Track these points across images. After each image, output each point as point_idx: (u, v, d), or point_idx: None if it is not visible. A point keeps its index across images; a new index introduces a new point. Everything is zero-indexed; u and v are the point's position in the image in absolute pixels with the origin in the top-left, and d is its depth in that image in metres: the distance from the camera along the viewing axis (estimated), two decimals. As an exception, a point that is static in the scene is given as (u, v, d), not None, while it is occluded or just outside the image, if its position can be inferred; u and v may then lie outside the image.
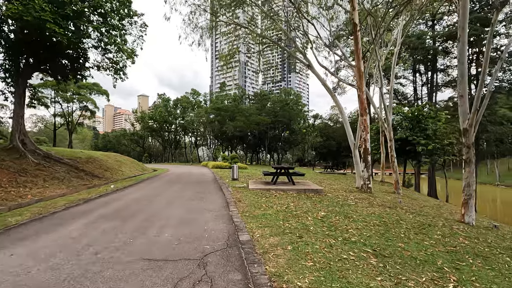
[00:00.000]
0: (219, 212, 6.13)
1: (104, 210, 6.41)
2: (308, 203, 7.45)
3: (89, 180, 13.64)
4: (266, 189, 9.46)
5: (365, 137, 11.47)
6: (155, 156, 60.06)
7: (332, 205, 7.48)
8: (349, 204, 7.89)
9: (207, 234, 4.34)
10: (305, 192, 9.42)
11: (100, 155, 20.60)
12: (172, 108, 47.53)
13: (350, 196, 9.71)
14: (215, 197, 8.31)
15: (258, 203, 7.12)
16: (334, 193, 10.25)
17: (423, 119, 19.58)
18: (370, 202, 8.75)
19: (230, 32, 18.09)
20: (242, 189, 9.77)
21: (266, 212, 6.00)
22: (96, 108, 34.07)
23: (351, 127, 43.75)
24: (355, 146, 14.04)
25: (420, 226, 5.93)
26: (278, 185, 10.12)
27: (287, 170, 10.23)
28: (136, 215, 5.80)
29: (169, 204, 7.21)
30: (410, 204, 10.66)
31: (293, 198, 8.25)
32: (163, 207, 6.72)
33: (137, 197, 8.39)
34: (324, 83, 15.28)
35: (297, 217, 5.74)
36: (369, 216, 6.39)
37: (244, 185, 10.91)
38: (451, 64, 28.76)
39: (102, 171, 16.31)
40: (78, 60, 14.55)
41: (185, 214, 5.89)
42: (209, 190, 10.15)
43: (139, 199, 8.00)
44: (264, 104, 42.40)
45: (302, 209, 6.62)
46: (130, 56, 15.79)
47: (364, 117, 11.46)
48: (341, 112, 14.62)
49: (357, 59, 11.43)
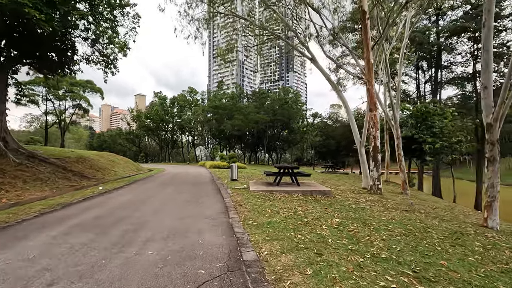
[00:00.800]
0: (217, 219, 5.24)
1: (83, 217, 5.51)
2: (318, 207, 6.59)
3: (77, 181, 12.71)
4: (269, 190, 8.58)
5: (374, 134, 10.63)
6: (152, 156, 58.94)
7: (344, 209, 6.62)
8: (363, 208, 7.04)
9: (202, 251, 3.45)
10: (312, 194, 8.56)
11: (92, 154, 19.66)
12: (168, 106, 46.42)
13: (361, 198, 8.86)
14: (212, 201, 7.42)
15: (262, 208, 6.24)
16: (342, 194, 9.40)
17: (429, 116, 18.80)
18: (384, 205, 7.92)
19: (228, 25, 17.22)
20: (242, 191, 8.89)
21: (273, 219, 5.12)
22: (90, 106, 32.90)
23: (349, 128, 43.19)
24: (361, 144, 13.22)
25: (451, 234, 5.08)
26: (281, 186, 9.25)
27: (292, 170, 9.36)
28: (119, 224, 4.90)
29: (160, 209, 6.31)
30: (422, 206, 9.86)
31: (299, 201, 7.38)
32: (152, 213, 5.82)
33: (125, 201, 7.48)
34: (328, 77, 14.43)
35: (309, 225, 4.87)
36: (389, 222, 5.54)
37: (245, 186, 10.02)
38: (455, 61, 28.05)
39: (93, 171, 15.37)
40: (66, 53, 13.58)
41: (177, 223, 4.99)
42: (206, 192, 9.25)
43: (127, 203, 7.09)
44: (262, 103, 41.45)
45: (313, 214, 5.76)
46: (122, 49, 14.89)
47: (373, 113, 10.61)
48: (347, 108, 13.77)
49: (366, 50, 10.57)
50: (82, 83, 31.24)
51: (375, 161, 10.56)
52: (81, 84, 31.00)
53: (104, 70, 14.37)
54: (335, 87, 14.41)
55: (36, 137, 55.58)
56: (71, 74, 15.23)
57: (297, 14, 14.37)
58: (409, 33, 14.51)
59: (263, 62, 20.34)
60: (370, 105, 10.70)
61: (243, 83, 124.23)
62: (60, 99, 30.14)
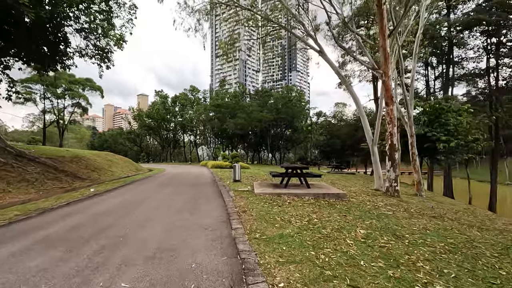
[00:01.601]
0: (217, 231, 4.33)
1: (58, 227, 4.63)
2: (335, 214, 5.66)
3: (69, 182, 11.88)
4: (276, 193, 7.65)
5: (391, 131, 9.67)
6: (154, 155, 58.21)
7: (365, 216, 5.69)
8: (385, 214, 6.09)
9: (193, 284, 2.53)
10: (324, 197, 7.62)
11: (89, 154, 18.88)
12: (170, 105, 45.57)
13: (378, 202, 7.91)
14: (212, 206, 6.51)
15: (270, 215, 5.32)
16: (356, 197, 8.46)
17: (443, 113, 17.73)
18: (406, 210, 6.97)
19: (230, 18, 16.33)
20: (246, 194, 7.97)
21: (285, 232, 4.19)
22: (89, 104, 32.13)
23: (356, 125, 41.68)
24: (373, 142, 12.26)
25: (504, 249, 4.13)
26: (289, 188, 8.32)
27: (301, 171, 8.42)
28: (98, 237, 4.01)
29: (151, 216, 5.41)
30: (442, 209, 8.88)
31: (312, 206, 6.45)
32: (141, 222, 4.92)
33: (114, 205, 6.60)
34: (337, 70, 13.47)
35: (331, 239, 3.94)
36: (424, 234, 4.60)
37: (249, 189, 9.10)
38: (467, 56, 26.90)
39: (88, 171, 14.56)
40: (57, 45, 12.76)
41: (167, 236, 4.08)
42: (206, 195, 8.35)
43: (115, 209, 6.21)
44: (265, 101, 40.45)
45: (331, 224, 4.83)
46: (118, 42, 14.06)
47: (390, 107, 9.64)
48: (357, 103, 12.80)
49: (382, 38, 9.60)
50: (82, 81, 30.48)
51: (392, 161, 9.60)
52: (81, 82, 30.23)
53: (99, 64, 13.54)
54: (344, 81, 13.45)
55: (37, 137, 55.06)
56: (65, 69, 14.42)
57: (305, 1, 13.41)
58: (423, 23, 13.51)
59: (267, 57, 19.18)
60: (386, 99, 9.72)
61: (245, 83, 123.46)
62: (58, 98, 29.38)
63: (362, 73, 33.70)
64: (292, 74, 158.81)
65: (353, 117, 47.03)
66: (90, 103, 31.92)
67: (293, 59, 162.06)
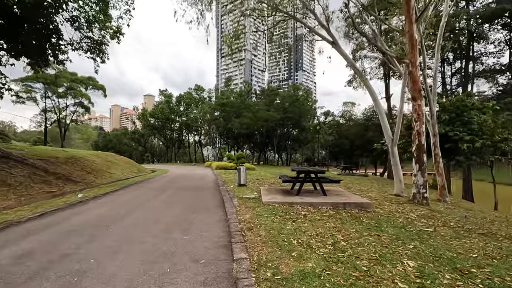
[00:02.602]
0: (213, 265, 3.18)
1: (2, 255, 3.56)
2: (365, 233, 4.48)
3: (60, 185, 10.93)
4: (288, 202, 6.49)
5: (419, 130, 8.41)
6: (158, 156, 57.51)
7: (403, 235, 4.49)
8: (426, 232, 4.88)
9: None
10: (345, 207, 6.42)
11: (88, 154, 18.00)
12: (174, 105, 44.70)
13: (408, 212, 6.68)
14: (211, 219, 5.38)
15: (284, 235, 4.16)
16: (381, 206, 7.23)
17: (465, 110, 16.28)
18: (446, 224, 5.74)
19: (235, 7, 15.24)
20: (252, 203, 6.82)
21: (307, 266, 3.03)
22: (91, 103, 31.40)
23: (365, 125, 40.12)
24: (393, 142, 11.01)
25: None
26: (302, 195, 7.15)
27: (316, 175, 7.23)
28: (41, 276, 2.92)
29: (131, 237, 4.32)
30: (475, 218, 7.58)
31: (333, 220, 5.27)
32: (114, 248, 3.82)
33: (93, 218, 5.53)
34: (352, 63, 12.26)
35: (373, 279, 2.77)
36: (492, 265, 3.39)
37: (255, 195, 7.95)
38: (486, 51, 25.29)
39: (83, 173, 13.63)
40: (49, 38, 11.84)
41: (142, 274, 2.96)
42: (206, 203, 7.24)
43: (92, 223, 5.14)
44: (272, 100, 39.23)
45: (364, 248, 3.65)
46: (114, 35, 13.12)
47: (417, 102, 8.38)
48: (375, 99, 11.54)
49: (409, 23, 8.34)
50: (84, 79, 29.76)
51: (420, 164, 8.34)
52: (83, 81, 29.52)
53: (93, 58, 12.60)
54: (360, 74, 12.20)
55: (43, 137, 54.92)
56: (58, 64, 13.52)
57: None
58: (448, 11, 12.19)
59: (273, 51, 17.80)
60: (413, 93, 8.46)
61: (251, 82, 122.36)
62: (60, 97, 28.69)
63: (372, 70, 32.32)
64: (298, 74, 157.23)
65: (363, 117, 45.49)
66: (92, 102, 31.21)
67: (299, 58, 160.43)
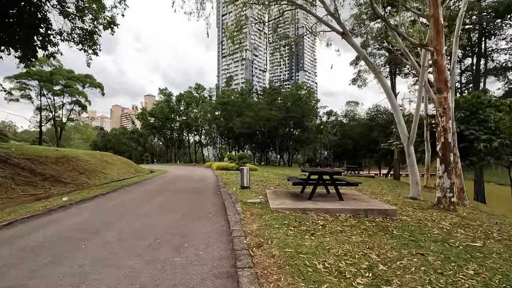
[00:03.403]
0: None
1: None
2: (404, 251, 3.56)
3: (47, 187, 10.05)
4: (300, 209, 5.56)
5: (444, 126, 7.48)
6: (158, 156, 56.60)
7: (449, 252, 3.57)
8: (475, 248, 3.95)
9: None
10: (367, 214, 5.49)
11: (83, 154, 17.15)
12: (174, 104, 43.76)
13: (439, 220, 5.75)
14: (210, 232, 4.45)
15: (304, 257, 3.24)
16: (404, 213, 6.30)
17: (481, 108, 15.33)
18: (487, 235, 4.82)
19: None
20: (259, 209, 5.90)
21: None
22: (88, 102, 30.47)
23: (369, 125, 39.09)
24: (409, 141, 10.08)
25: None
26: (315, 200, 6.22)
27: (331, 177, 6.29)
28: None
29: (105, 258, 3.40)
30: (503, 225, 6.65)
31: (357, 231, 4.35)
32: (75, 277, 2.92)
33: (68, 230, 4.61)
34: (364, 56, 11.33)
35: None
36: None
37: (261, 200, 7.03)
38: (498, 47, 24.32)
39: (75, 174, 12.76)
40: (37, 28, 10.98)
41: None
42: (205, 209, 6.32)
43: (63, 238, 4.22)
44: (274, 99, 38.30)
45: (414, 277, 2.74)
46: (108, 25, 12.26)
47: (443, 94, 7.45)
48: (389, 95, 10.59)
49: (434, 5, 7.43)
50: (81, 77, 28.90)
51: (446, 164, 7.41)
52: (79, 79, 28.65)
53: (85, 50, 11.74)
54: (373, 67, 11.27)
55: (43, 136, 54.10)
56: (48, 58, 12.67)
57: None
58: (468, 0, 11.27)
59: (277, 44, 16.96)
60: (438, 85, 7.52)
61: (252, 82, 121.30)
62: (56, 95, 27.78)
63: (378, 68, 31.45)
64: (299, 74, 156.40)
65: (367, 116, 44.52)
66: (89, 100, 30.30)
67: (300, 59, 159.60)
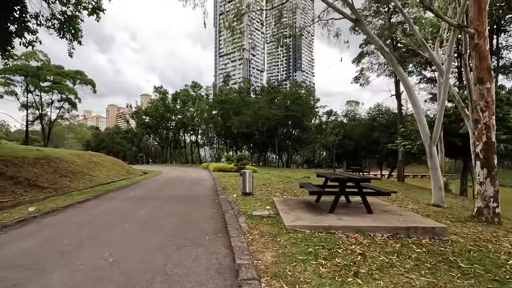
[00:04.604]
0: None
1: None
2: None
3: (18, 193, 8.71)
4: (324, 227, 4.31)
5: (487, 122, 6.30)
6: (153, 156, 55.02)
7: None
8: None
9: None
10: (409, 234, 4.25)
11: (67, 154, 15.80)
12: (170, 102, 42.27)
13: (495, 240, 4.53)
14: (207, 268, 3.18)
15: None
16: (448, 230, 5.06)
17: (499, 105, 14.24)
18: None
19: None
20: (269, 226, 4.64)
21: None
22: (77, 99, 28.95)
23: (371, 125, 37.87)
24: (432, 141, 8.88)
25: None
26: (338, 213, 4.98)
27: (357, 184, 5.05)
28: None
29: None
30: None
31: (413, 265, 3.10)
32: None
33: (10, 260, 3.33)
34: (380, 45, 10.12)
35: None
36: None
37: (269, 212, 5.76)
38: (508, 44, 23.38)
39: (55, 177, 11.40)
40: (9, 11, 9.65)
41: None
42: (200, 226, 5.04)
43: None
44: (273, 97, 37.07)
45: None
46: (93, 11, 10.93)
47: (486, 85, 6.27)
48: (409, 89, 9.38)
49: (476, -23, 6.25)
50: (71, 73, 27.38)
51: (489, 168, 6.21)
52: (69, 75, 27.12)
53: (66, 36, 10.41)
54: (390, 59, 10.06)
55: (33, 136, 52.50)
56: (26, 47, 11.28)
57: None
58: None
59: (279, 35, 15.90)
60: (480, 73, 6.32)
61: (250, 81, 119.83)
62: (44, 91, 26.18)
63: (381, 66, 30.46)
64: (297, 74, 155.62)
65: (368, 116, 43.43)
66: (79, 97, 28.78)
67: (298, 58, 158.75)
